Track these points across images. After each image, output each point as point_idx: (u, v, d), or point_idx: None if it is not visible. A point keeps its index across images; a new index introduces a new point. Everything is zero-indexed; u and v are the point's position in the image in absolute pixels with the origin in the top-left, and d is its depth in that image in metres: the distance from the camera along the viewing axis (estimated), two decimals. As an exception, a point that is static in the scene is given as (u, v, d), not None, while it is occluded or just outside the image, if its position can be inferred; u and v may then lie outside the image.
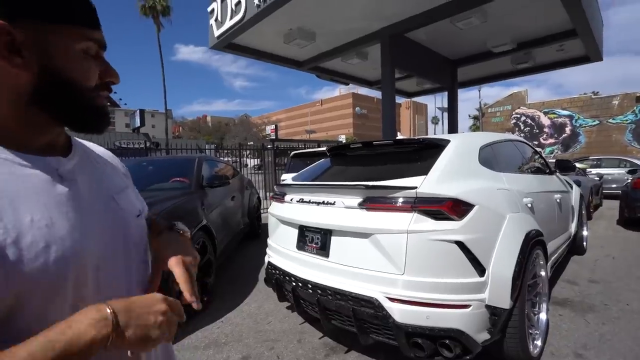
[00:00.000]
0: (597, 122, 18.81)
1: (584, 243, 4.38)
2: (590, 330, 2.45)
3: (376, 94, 11.46)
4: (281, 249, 2.40)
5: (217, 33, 6.34)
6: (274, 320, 2.74)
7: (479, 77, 9.61)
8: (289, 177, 3.00)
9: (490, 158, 2.42)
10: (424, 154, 2.20)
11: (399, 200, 1.80)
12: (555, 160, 3.82)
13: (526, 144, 3.42)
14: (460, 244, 1.72)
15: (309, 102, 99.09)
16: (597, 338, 2.34)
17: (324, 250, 2.05)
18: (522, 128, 21.44)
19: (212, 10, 6.42)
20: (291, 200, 2.38)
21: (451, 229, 1.73)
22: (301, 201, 2.28)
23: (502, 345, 1.88)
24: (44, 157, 0.52)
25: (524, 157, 3.18)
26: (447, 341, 1.68)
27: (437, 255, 1.72)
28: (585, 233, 4.44)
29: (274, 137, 15.12)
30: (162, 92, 25.41)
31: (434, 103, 78.72)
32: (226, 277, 3.77)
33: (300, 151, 6.35)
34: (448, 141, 2.25)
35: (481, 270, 1.76)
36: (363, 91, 71.37)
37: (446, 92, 9.10)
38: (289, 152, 7.62)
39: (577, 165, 8.15)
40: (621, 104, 18.09)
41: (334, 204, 2.04)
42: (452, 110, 9.04)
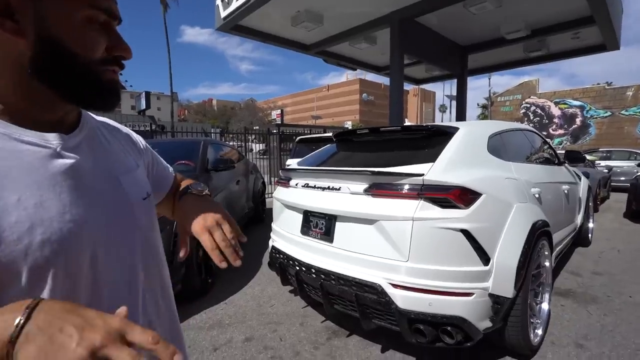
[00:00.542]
0: (609, 113, 18.39)
1: (590, 235, 4.35)
2: (592, 321, 2.45)
3: (383, 80, 11.27)
4: (285, 233, 2.41)
5: (223, 14, 6.21)
6: (277, 303, 2.79)
7: (490, 64, 9.36)
8: (294, 162, 2.98)
9: (499, 147, 2.38)
10: (431, 141, 2.17)
11: (405, 187, 1.78)
12: (564, 151, 3.75)
13: (536, 133, 3.36)
14: (465, 232, 1.71)
15: (315, 87, 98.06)
16: (598, 329, 2.35)
17: (328, 235, 2.05)
18: (531, 118, 21.06)
19: (219, -9, 6.27)
20: (296, 185, 2.37)
21: (457, 217, 1.71)
22: (306, 186, 2.28)
23: (504, 333, 1.90)
24: (43, 133, 0.49)
25: (533, 147, 3.12)
26: (449, 328, 1.69)
27: (442, 243, 1.71)
28: (591, 225, 4.41)
29: (280, 122, 15.03)
30: (167, 74, 25.23)
31: (442, 91, 77.49)
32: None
33: (305, 136, 6.31)
34: (457, 129, 2.20)
35: (486, 259, 1.75)
36: (370, 77, 70.30)
37: (455, 80, 8.91)
38: (294, 137, 7.58)
39: (587, 156, 8.02)
40: (635, 95, 17.63)
41: (339, 189, 2.03)
42: (460, 98, 8.87)
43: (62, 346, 0.31)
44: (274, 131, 9.56)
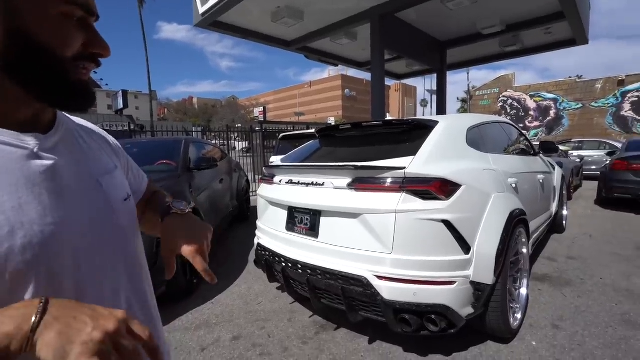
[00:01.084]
0: (580, 105, 19.16)
1: (564, 222, 4.54)
2: (567, 303, 2.58)
3: (365, 76, 11.33)
4: (270, 230, 2.40)
5: (201, 10, 6.08)
6: (264, 300, 2.78)
7: (468, 59, 9.58)
8: (277, 159, 2.97)
9: (477, 139, 2.45)
10: (412, 134, 2.21)
11: (388, 180, 1.81)
12: (539, 142, 3.90)
13: (512, 125, 3.47)
14: (447, 223, 1.76)
15: (298, 83, 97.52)
16: (572, 310, 2.47)
17: (313, 230, 2.06)
18: (508, 111, 21.69)
19: (195, -14, 6.12)
20: (280, 181, 2.37)
21: (438, 208, 1.76)
22: (290, 182, 2.28)
23: (485, 319, 1.97)
24: (19, 133, 0.47)
25: (510, 138, 3.23)
26: (433, 316, 1.74)
27: (424, 234, 1.76)
28: (565, 212, 4.61)
29: (263, 120, 14.90)
30: (145, 72, 24.47)
31: (423, 86, 78.54)
32: (216, 260, 3.77)
33: (289, 133, 6.28)
34: (436, 122, 2.25)
35: (467, 248, 1.81)
36: (352, 73, 70.44)
37: (435, 75, 9.07)
38: (277, 134, 7.53)
39: (560, 147, 8.35)
40: (603, 87, 18.43)
41: (323, 184, 2.04)
42: (440, 93, 9.04)
43: (79, 330, 0.35)
44: (257, 129, 9.47)
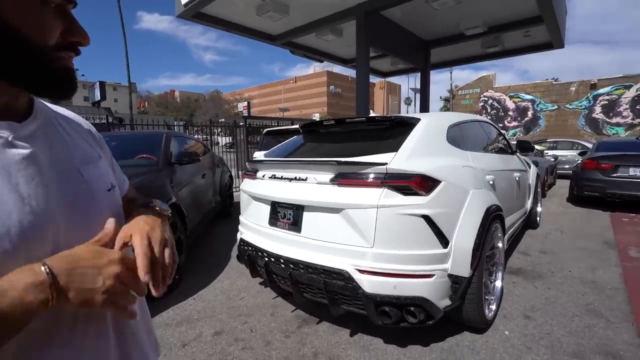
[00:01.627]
0: (556, 107, 19.90)
1: (538, 218, 4.74)
2: (538, 294, 2.70)
3: (351, 73, 11.36)
4: (253, 225, 2.40)
5: (184, 0, 5.93)
6: (247, 295, 2.78)
7: (451, 59, 9.77)
8: (261, 155, 2.96)
9: (457, 137, 2.51)
10: (395, 131, 2.25)
11: (370, 175, 1.85)
12: (516, 141, 4.04)
13: (491, 124, 3.58)
14: (426, 217, 1.81)
15: (283, 79, 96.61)
16: (543, 301, 2.59)
17: (296, 225, 2.07)
18: (489, 111, 22.27)
19: (178, -25, 5.96)
20: (263, 176, 2.37)
21: (418, 203, 1.80)
22: (273, 177, 2.28)
23: (462, 310, 2.04)
24: None
25: (489, 137, 3.33)
26: (412, 308, 1.79)
27: (404, 229, 1.80)
28: (539, 209, 4.80)
29: (247, 115, 14.71)
30: (124, 63, 23.62)
31: (407, 84, 79.54)
32: (198, 256, 3.73)
33: (273, 128, 6.24)
34: (418, 120, 2.30)
35: (445, 242, 1.87)
36: (338, 69, 70.51)
37: (419, 73, 9.20)
38: (261, 129, 7.47)
39: (536, 147, 8.66)
40: (577, 90, 19.19)
41: (306, 179, 2.06)
42: (424, 91, 9.19)
43: (94, 283, 0.44)
44: (241, 124, 9.36)
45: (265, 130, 5.91)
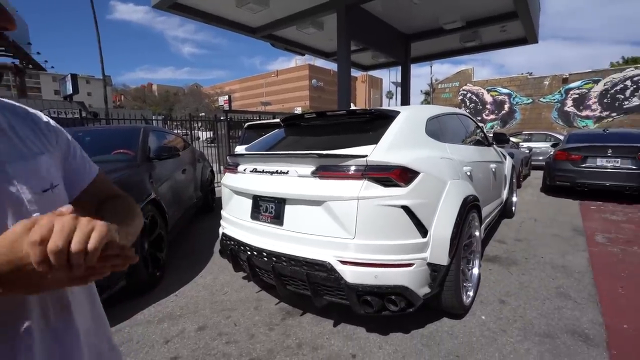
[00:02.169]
0: (530, 100, 20.61)
1: (513, 208, 4.93)
2: (512, 280, 2.83)
3: (333, 66, 11.34)
4: (235, 219, 2.39)
5: (159, -10, 5.73)
6: (230, 290, 2.77)
7: (431, 53, 9.91)
8: (243, 149, 2.93)
9: (436, 129, 2.57)
10: (375, 124, 2.28)
11: (351, 168, 1.87)
12: (492, 133, 4.17)
13: (469, 117, 3.67)
14: (406, 208, 1.85)
15: (264, 72, 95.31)
16: (517, 286, 2.72)
17: (278, 219, 2.08)
18: (467, 104, 22.80)
19: (152, -37, 5.74)
20: (244, 170, 2.35)
21: (398, 194, 1.84)
22: (255, 171, 2.27)
23: (440, 297, 2.11)
24: None
25: (467, 129, 3.42)
26: (393, 297, 1.84)
27: (385, 220, 1.84)
28: (514, 199, 4.99)
29: (228, 109, 14.47)
30: (97, 55, 22.50)
31: (389, 78, 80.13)
32: (180, 252, 3.68)
33: (254, 122, 6.17)
34: (398, 112, 2.34)
35: (424, 231, 1.92)
36: (319, 63, 70.10)
37: (400, 67, 9.30)
38: (243, 124, 7.37)
39: (512, 139, 8.96)
40: (550, 84, 19.93)
41: (287, 173, 2.06)
42: (405, 85, 9.30)
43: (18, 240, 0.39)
44: (222, 118, 9.20)
45: (246, 125, 5.84)
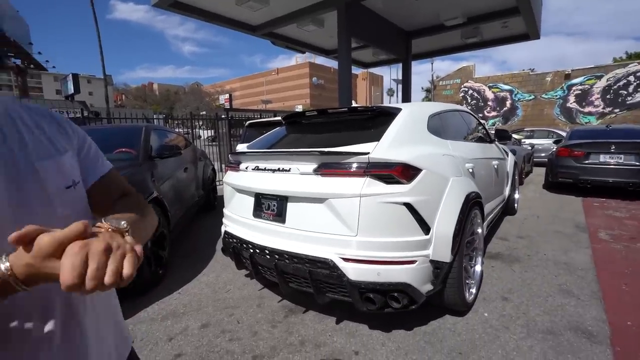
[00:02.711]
0: (532, 96, 20.49)
1: (516, 205, 4.91)
2: (515, 277, 2.83)
3: (333, 64, 11.30)
4: (238, 217, 2.39)
5: (159, -12, 5.72)
6: (232, 288, 2.78)
7: (432, 50, 9.87)
8: (244, 147, 2.93)
9: (437, 126, 2.56)
10: (376, 121, 2.27)
11: (352, 165, 1.86)
12: (495, 130, 4.15)
13: (471, 114, 3.66)
14: (408, 205, 1.85)
15: (265, 70, 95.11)
16: (520, 283, 2.71)
17: (280, 216, 2.08)
18: (469, 101, 22.69)
19: (152, -39, 5.73)
20: (246, 168, 2.35)
21: (400, 191, 1.84)
22: (257, 169, 2.27)
23: (443, 295, 2.11)
24: None
25: (469, 126, 3.41)
26: (396, 294, 1.84)
27: (387, 217, 1.84)
28: (517, 196, 4.98)
29: (229, 107, 14.46)
30: (98, 55, 22.54)
31: (390, 75, 79.90)
32: (182, 250, 3.69)
33: (256, 121, 6.17)
34: (400, 109, 2.33)
35: (426, 228, 1.92)
36: (320, 61, 70.02)
37: (401, 64, 9.27)
38: (244, 122, 7.36)
39: (514, 135, 8.93)
40: (552, 80, 19.81)
41: (289, 170, 2.06)
42: (406, 82, 9.27)
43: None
44: (223, 116, 9.19)
45: (247, 123, 5.84)
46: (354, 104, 7.82)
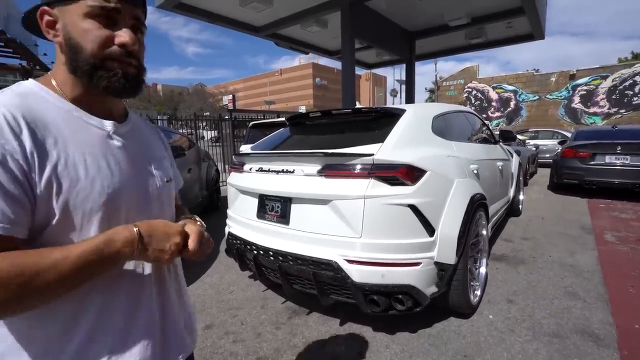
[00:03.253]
0: (537, 97, 20.38)
1: (520, 206, 4.88)
2: (520, 279, 2.80)
3: (336, 65, 11.30)
4: (241, 218, 2.39)
5: (163, -10, 5.74)
6: (236, 289, 2.78)
7: (435, 50, 9.85)
8: (248, 148, 2.93)
9: (442, 127, 2.55)
10: (381, 122, 2.26)
11: (357, 167, 1.86)
12: (499, 131, 4.13)
13: (475, 115, 3.64)
14: (413, 207, 1.84)
15: (268, 71, 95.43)
16: (525, 285, 2.69)
17: (284, 218, 2.08)
18: (473, 102, 22.61)
19: (157, -37, 5.76)
20: (250, 169, 2.35)
21: (405, 193, 1.83)
22: (260, 170, 2.26)
23: (448, 297, 2.10)
24: (102, 120, 0.66)
25: (473, 127, 3.39)
26: (400, 296, 1.83)
27: (391, 218, 1.83)
28: (521, 197, 4.94)
29: (232, 108, 14.49)
30: (102, 56, 22.46)
31: (393, 76, 79.79)
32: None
33: (259, 121, 6.18)
34: (404, 110, 2.32)
35: (431, 230, 1.90)
36: (323, 61, 70.04)
37: (404, 65, 9.25)
38: (247, 123, 7.38)
39: (518, 136, 8.88)
40: (557, 81, 19.69)
41: (293, 172, 2.05)
42: (409, 83, 9.24)
43: (164, 243, 0.63)
44: (226, 117, 9.21)
45: (251, 124, 5.85)
46: (357, 105, 7.81)
